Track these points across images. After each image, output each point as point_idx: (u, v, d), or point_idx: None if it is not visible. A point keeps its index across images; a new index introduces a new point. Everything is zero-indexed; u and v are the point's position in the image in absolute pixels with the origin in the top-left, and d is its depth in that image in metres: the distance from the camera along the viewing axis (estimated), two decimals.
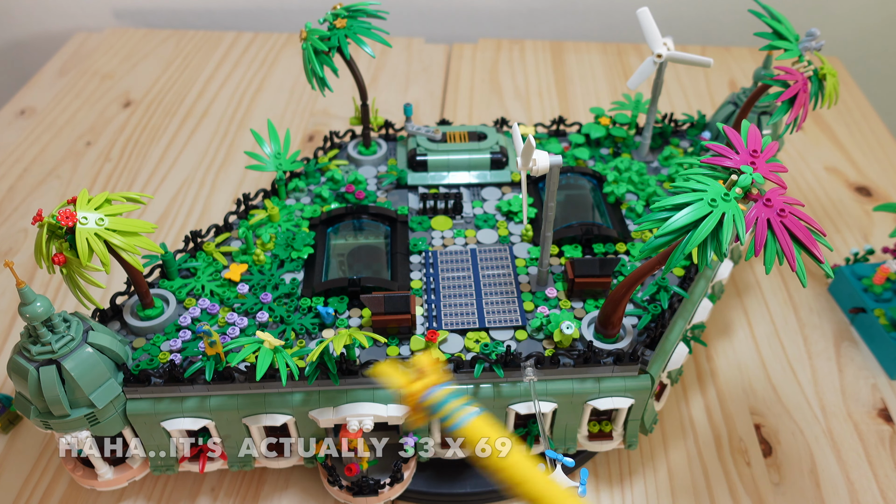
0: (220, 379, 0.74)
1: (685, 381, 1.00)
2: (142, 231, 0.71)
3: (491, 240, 0.92)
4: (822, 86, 0.89)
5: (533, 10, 1.82)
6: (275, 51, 1.73)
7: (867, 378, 1.01)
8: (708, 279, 0.90)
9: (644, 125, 1.07)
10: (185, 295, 0.84)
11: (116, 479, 0.79)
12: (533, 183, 1.01)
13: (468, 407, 0.56)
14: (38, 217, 0.69)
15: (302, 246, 0.89)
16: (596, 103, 1.56)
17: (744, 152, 0.65)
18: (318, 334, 0.80)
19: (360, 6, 0.97)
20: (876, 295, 1.04)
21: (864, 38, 1.81)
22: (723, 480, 0.88)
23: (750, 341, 1.05)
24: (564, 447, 0.82)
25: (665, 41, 0.94)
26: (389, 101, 1.54)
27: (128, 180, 1.33)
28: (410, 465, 0.81)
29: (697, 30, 1.83)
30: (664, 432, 0.93)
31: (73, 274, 0.71)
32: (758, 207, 0.61)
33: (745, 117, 1.01)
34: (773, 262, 0.60)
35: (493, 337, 0.79)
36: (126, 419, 0.75)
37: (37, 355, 0.68)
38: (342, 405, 0.75)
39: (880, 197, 1.32)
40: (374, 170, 1.04)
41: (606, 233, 0.91)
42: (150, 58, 1.70)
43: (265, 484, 0.88)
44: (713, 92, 1.61)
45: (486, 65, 1.69)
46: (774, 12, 0.93)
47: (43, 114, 1.51)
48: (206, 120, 1.49)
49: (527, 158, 0.76)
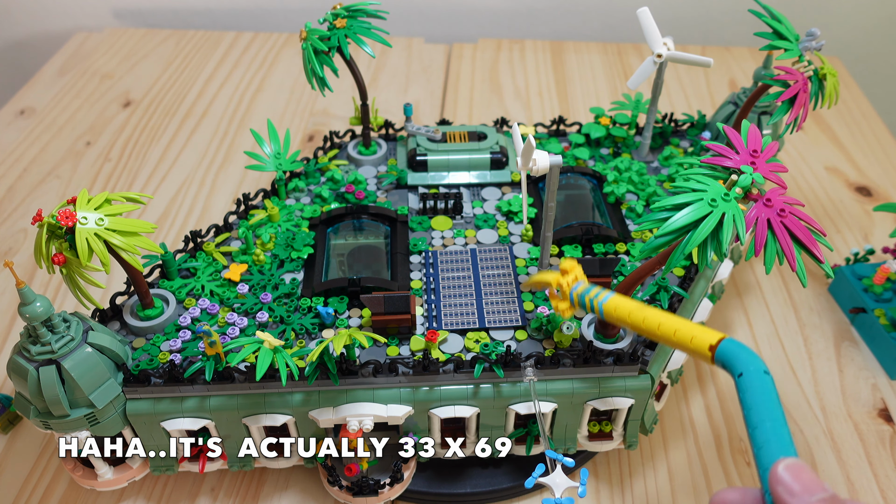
0: (220, 379, 0.74)
1: (685, 381, 1.00)
2: (142, 231, 0.71)
3: (491, 240, 0.92)
4: (823, 86, 0.89)
5: (533, 10, 1.82)
6: (275, 51, 1.73)
7: (867, 378, 1.01)
8: (708, 279, 0.89)
9: (644, 125, 1.06)
10: (185, 295, 0.84)
11: (116, 479, 0.79)
12: (533, 183, 1.01)
13: (605, 290, 0.66)
14: (38, 217, 0.69)
15: (302, 246, 0.89)
16: (596, 103, 1.56)
17: (744, 152, 0.65)
18: (318, 334, 0.80)
19: (359, 6, 0.97)
20: (876, 295, 1.04)
21: (864, 38, 1.81)
22: (723, 480, 0.88)
23: (750, 341, 1.05)
24: (564, 447, 0.82)
25: (665, 41, 0.94)
26: (389, 101, 1.54)
27: (128, 180, 1.33)
28: (410, 465, 0.81)
29: (697, 30, 1.83)
30: (664, 432, 0.93)
31: (73, 274, 0.71)
32: (758, 207, 0.61)
33: (746, 117, 1.01)
34: (773, 262, 0.61)
35: (493, 337, 0.79)
36: (126, 419, 0.75)
37: (36, 355, 0.67)
38: (342, 405, 0.75)
39: (880, 197, 1.32)
40: (374, 170, 1.04)
41: (606, 233, 0.91)
42: (149, 58, 1.70)
43: (265, 484, 0.88)
44: (713, 92, 1.61)
45: (486, 65, 1.69)
46: (774, 12, 0.93)
47: (43, 114, 1.51)
48: (205, 120, 1.49)
49: (527, 158, 0.76)
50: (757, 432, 0.47)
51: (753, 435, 0.47)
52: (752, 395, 0.50)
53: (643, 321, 0.61)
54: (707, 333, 0.55)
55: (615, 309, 0.64)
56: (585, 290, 0.67)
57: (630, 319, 0.62)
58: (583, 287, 0.68)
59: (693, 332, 0.56)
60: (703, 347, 0.55)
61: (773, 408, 0.48)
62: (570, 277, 0.69)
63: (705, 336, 0.55)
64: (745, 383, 0.51)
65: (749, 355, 0.52)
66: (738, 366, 0.52)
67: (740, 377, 0.51)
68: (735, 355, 0.53)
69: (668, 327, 0.58)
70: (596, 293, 0.66)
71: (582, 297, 0.67)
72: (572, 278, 0.69)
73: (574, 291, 0.68)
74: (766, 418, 0.47)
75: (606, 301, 0.65)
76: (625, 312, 0.63)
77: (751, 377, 0.51)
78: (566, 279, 0.69)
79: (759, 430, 0.47)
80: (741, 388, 0.51)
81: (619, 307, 0.63)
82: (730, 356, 0.53)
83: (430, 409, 0.76)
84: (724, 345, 0.54)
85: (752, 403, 0.49)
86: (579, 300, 0.68)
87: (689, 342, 0.56)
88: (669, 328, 0.58)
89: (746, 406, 0.49)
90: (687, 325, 0.57)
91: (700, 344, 0.55)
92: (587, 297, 0.67)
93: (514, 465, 0.86)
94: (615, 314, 0.64)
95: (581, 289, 0.68)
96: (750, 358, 0.52)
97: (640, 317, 0.61)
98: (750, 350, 0.53)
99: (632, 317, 0.62)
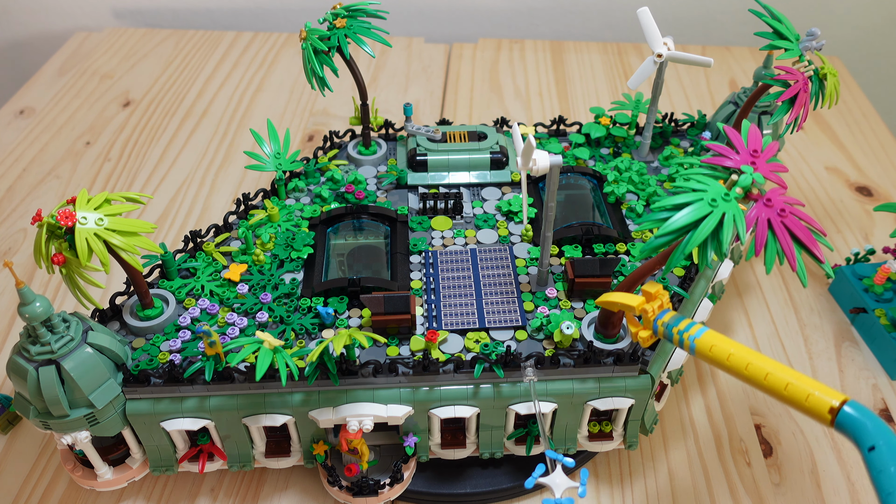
0: (220, 379, 0.73)
1: (685, 381, 1.00)
2: (141, 231, 0.71)
3: (491, 240, 0.92)
4: (823, 85, 0.89)
5: (533, 10, 1.82)
6: (275, 51, 1.73)
7: (868, 378, 1.00)
8: (708, 279, 0.89)
9: (644, 125, 1.06)
10: (185, 295, 0.84)
11: (116, 479, 0.79)
12: (533, 183, 1.01)
13: (698, 324, 0.59)
14: (38, 217, 0.69)
15: (302, 246, 0.89)
16: (596, 103, 1.56)
17: (744, 152, 0.65)
18: (317, 334, 0.80)
19: (359, 6, 0.97)
20: (877, 295, 1.04)
21: (864, 37, 1.81)
22: (723, 481, 0.88)
23: (750, 341, 1.05)
24: (564, 447, 0.82)
25: (665, 41, 0.94)
26: (389, 101, 1.54)
27: (127, 180, 1.33)
28: (410, 465, 0.81)
29: (697, 30, 1.83)
30: (664, 432, 0.93)
31: (73, 274, 0.71)
32: (758, 207, 0.61)
33: (746, 117, 1.01)
34: (773, 262, 0.60)
35: (493, 337, 0.79)
36: (125, 419, 0.75)
37: (36, 355, 0.67)
38: (342, 405, 0.75)
39: (881, 197, 1.32)
40: (373, 170, 1.04)
41: (606, 233, 0.91)
42: (149, 57, 1.70)
43: (265, 484, 0.88)
44: (713, 92, 1.61)
45: (486, 65, 1.69)
46: (775, 12, 0.93)
47: (42, 113, 1.51)
48: (205, 120, 1.49)
49: (527, 158, 0.76)
50: None
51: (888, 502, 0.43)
52: (888, 476, 0.45)
53: (746, 368, 0.55)
54: (825, 392, 0.50)
55: (710, 349, 0.57)
56: (674, 321, 0.60)
57: (729, 364, 0.56)
58: (669, 316, 0.61)
59: (808, 389, 0.51)
60: (822, 410, 0.50)
61: None
62: (657, 304, 0.63)
63: (824, 396, 0.50)
64: (878, 460, 0.46)
65: (878, 426, 0.47)
66: (866, 438, 0.47)
67: (871, 451, 0.46)
68: (862, 427, 0.48)
69: (777, 380, 0.52)
70: (686, 326, 0.59)
71: (669, 328, 0.61)
72: (658, 305, 0.63)
73: (659, 320, 0.62)
74: None
75: (700, 337, 0.58)
76: (722, 355, 0.56)
77: (885, 453, 0.46)
78: (651, 305, 0.63)
79: None
80: (872, 464, 0.46)
81: (715, 347, 0.57)
82: (857, 426, 0.48)
83: (430, 409, 0.76)
84: (847, 411, 0.49)
85: (893, 488, 0.44)
86: (665, 331, 0.61)
87: (804, 401, 0.51)
88: (779, 382, 0.52)
89: (883, 490, 0.44)
90: (800, 379, 0.52)
91: (817, 404, 0.50)
92: (675, 328, 0.60)
93: (514, 465, 0.86)
94: (710, 355, 0.57)
95: (667, 318, 0.61)
96: (879, 430, 0.47)
97: (742, 363, 0.55)
98: (877, 418, 0.48)
99: (731, 361, 0.56)
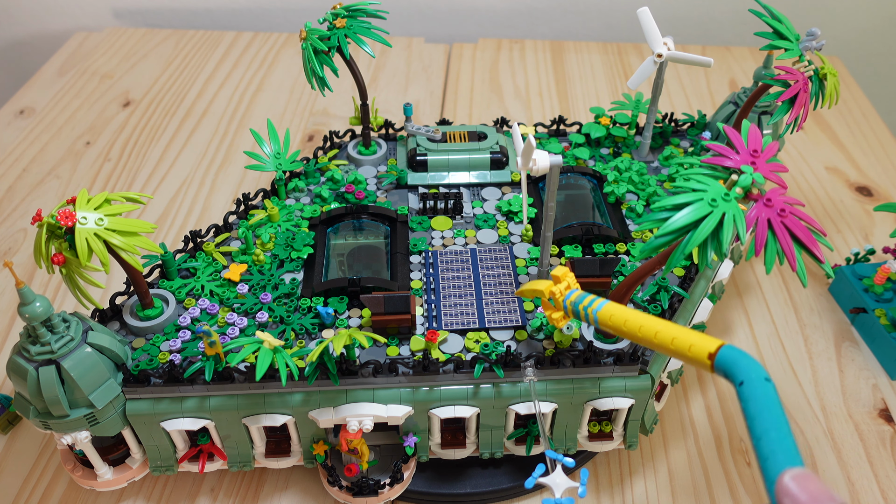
0: (220, 379, 0.73)
1: (685, 381, 1.00)
2: (141, 231, 0.71)
3: (491, 240, 0.92)
4: (823, 85, 0.89)
5: (533, 10, 1.82)
6: (274, 51, 1.73)
7: (868, 378, 1.00)
8: (708, 279, 0.89)
9: (644, 125, 1.06)
10: (185, 295, 0.84)
11: (116, 479, 0.79)
12: (533, 183, 1.01)
13: (599, 299, 0.65)
14: (38, 217, 0.69)
15: (302, 246, 0.89)
16: (596, 103, 1.56)
17: (744, 152, 0.65)
18: (317, 334, 0.80)
19: (359, 6, 0.97)
20: (877, 295, 1.04)
21: (864, 37, 1.81)
22: (723, 480, 0.88)
23: (750, 341, 1.05)
24: (564, 447, 0.82)
25: (665, 41, 0.94)
26: (389, 101, 1.54)
27: (127, 180, 1.33)
28: (410, 465, 0.81)
29: (697, 30, 1.83)
30: (664, 432, 0.93)
31: (73, 274, 0.71)
32: (758, 207, 0.61)
33: (746, 117, 1.01)
34: (773, 262, 0.60)
35: (493, 337, 0.79)
36: (125, 419, 0.75)
37: (36, 355, 0.67)
38: (342, 405, 0.75)
39: (881, 197, 1.32)
40: (373, 170, 1.04)
41: (606, 233, 0.91)
42: (149, 57, 1.70)
43: (265, 484, 0.88)
44: (713, 92, 1.61)
45: (486, 65, 1.69)
46: (775, 12, 0.93)
47: (42, 113, 1.51)
48: (205, 120, 1.49)
49: (527, 158, 0.76)
50: (761, 443, 0.46)
51: (758, 446, 0.46)
52: (754, 404, 0.48)
53: (639, 329, 0.59)
54: (705, 341, 0.54)
55: (610, 318, 0.62)
56: (579, 299, 0.65)
57: (626, 328, 0.61)
58: (576, 295, 0.66)
59: (691, 339, 0.55)
60: (702, 356, 0.54)
61: (776, 417, 0.47)
62: (563, 286, 0.67)
63: (704, 344, 0.54)
64: (746, 392, 0.49)
65: (749, 363, 0.51)
66: (738, 374, 0.51)
67: (741, 386, 0.50)
68: (735, 363, 0.51)
69: (665, 336, 0.57)
70: (589, 301, 0.64)
71: (575, 305, 0.65)
72: (565, 286, 0.67)
73: (567, 300, 0.66)
74: (769, 428, 0.46)
75: (601, 309, 0.63)
76: (620, 321, 0.61)
77: (752, 386, 0.49)
78: (559, 287, 0.67)
79: (764, 440, 0.46)
80: (743, 397, 0.49)
81: (613, 316, 0.62)
82: (730, 364, 0.52)
83: (430, 409, 0.76)
84: (723, 352, 0.52)
85: (756, 413, 0.48)
86: (573, 309, 0.66)
87: (688, 350, 0.55)
88: (667, 336, 0.57)
89: (749, 416, 0.48)
90: (685, 332, 0.56)
91: (698, 352, 0.54)
92: (580, 305, 0.65)
93: (514, 465, 0.86)
94: (610, 323, 0.62)
95: (574, 297, 0.66)
96: (750, 365, 0.51)
97: (636, 325, 0.60)
98: (750, 357, 0.52)
99: (627, 325, 0.60)
